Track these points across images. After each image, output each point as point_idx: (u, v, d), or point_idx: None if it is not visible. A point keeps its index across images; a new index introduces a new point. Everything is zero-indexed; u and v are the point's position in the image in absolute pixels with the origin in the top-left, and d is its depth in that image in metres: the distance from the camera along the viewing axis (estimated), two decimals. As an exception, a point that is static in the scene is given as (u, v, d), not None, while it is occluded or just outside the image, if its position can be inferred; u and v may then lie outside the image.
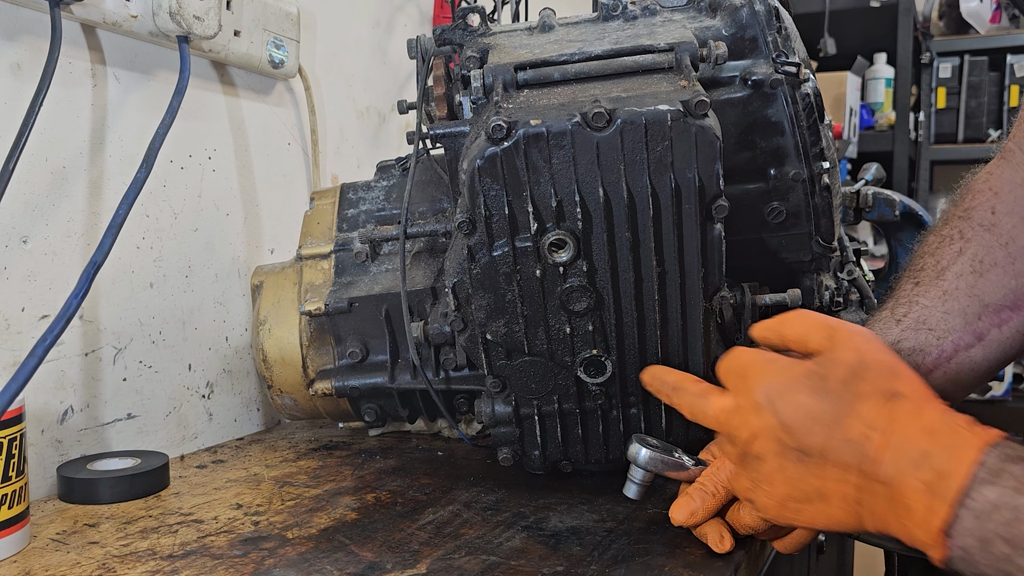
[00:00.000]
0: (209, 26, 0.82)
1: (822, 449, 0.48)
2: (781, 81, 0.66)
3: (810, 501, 0.50)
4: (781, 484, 0.51)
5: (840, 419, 0.48)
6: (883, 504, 0.47)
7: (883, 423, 0.47)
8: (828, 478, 0.49)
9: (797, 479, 0.50)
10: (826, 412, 0.48)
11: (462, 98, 0.70)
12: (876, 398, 0.48)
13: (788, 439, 0.49)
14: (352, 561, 0.58)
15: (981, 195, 0.71)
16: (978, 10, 2.79)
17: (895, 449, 0.46)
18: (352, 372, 0.79)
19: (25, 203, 0.73)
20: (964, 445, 0.44)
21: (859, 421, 0.47)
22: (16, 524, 0.61)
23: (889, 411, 0.47)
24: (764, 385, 0.51)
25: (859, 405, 0.48)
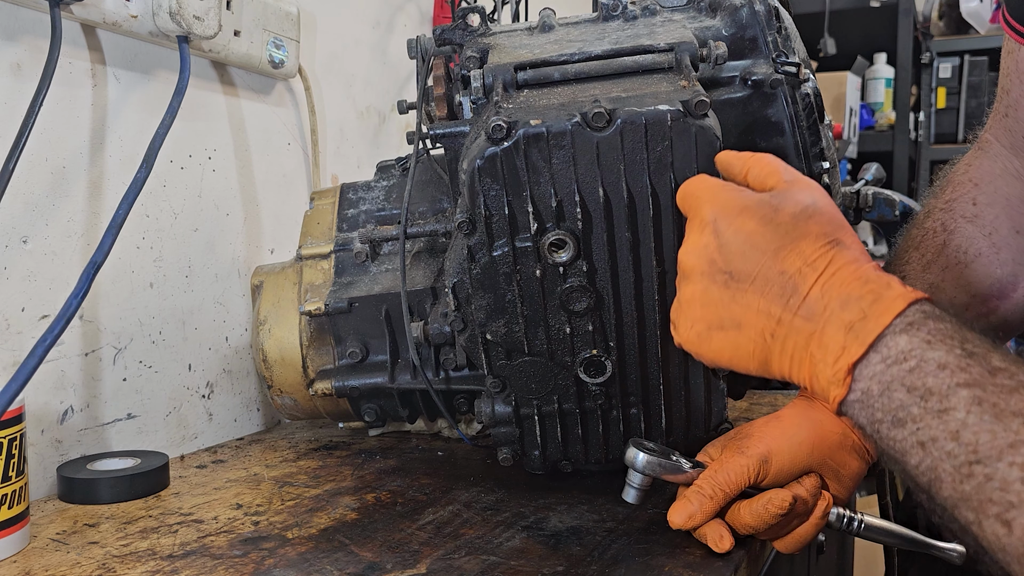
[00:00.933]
0: (209, 26, 0.82)
1: (754, 276, 0.48)
2: (781, 81, 0.65)
3: (723, 329, 0.49)
4: (699, 307, 0.50)
5: (780, 250, 0.47)
6: (798, 341, 0.47)
7: (822, 264, 0.46)
8: (750, 307, 0.48)
9: (717, 303, 0.49)
10: (768, 241, 0.48)
11: (462, 98, 0.70)
12: (821, 240, 0.47)
13: (720, 260, 0.49)
14: (352, 561, 0.58)
15: (962, 187, 0.71)
16: (978, 10, 2.79)
17: (827, 289, 0.46)
18: (352, 372, 0.79)
19: (25, 203, 0.73)
20: (893, 296, 0.45)
21: (799, 257, 0.47)
22: (16, 524, 0.61)
23: (830, 255, 0.47)
24: (713, 206, 0.50)
25: (802, 243, 0.47)
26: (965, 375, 0.41)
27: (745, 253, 0.48)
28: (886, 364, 0.43)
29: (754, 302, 0.48)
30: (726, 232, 0.49)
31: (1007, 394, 0.40)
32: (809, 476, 0.60)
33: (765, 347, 0.48)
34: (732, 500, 0.59)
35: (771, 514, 0.57)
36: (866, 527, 0.62)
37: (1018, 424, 0.39)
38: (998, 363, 0.41)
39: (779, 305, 0.47)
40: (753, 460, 0.59)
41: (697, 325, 0.51)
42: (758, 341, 0.49)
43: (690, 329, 0.51)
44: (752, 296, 0.48)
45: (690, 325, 0.51)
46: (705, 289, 0.50)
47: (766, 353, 0.49)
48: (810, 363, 0.46)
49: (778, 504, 0.57)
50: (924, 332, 0.43)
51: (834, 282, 0.46)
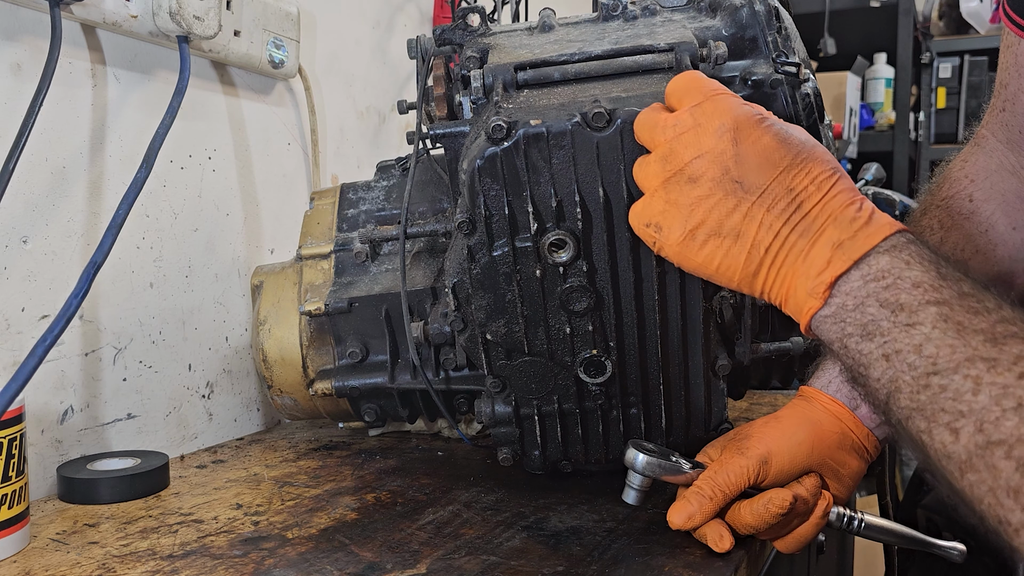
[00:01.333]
0: (209, 26, 0.82)
1: (763, 188, 0.48)
2: (781, 81, 0.65)
3: (720, 236, 0.49)
4: (701, 211, 0.50)
5: (792, 168, 0.49)
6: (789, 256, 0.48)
7: (826, 186, 0.48)
8: (754, 218, 0.49)
9: (721, 209, 0.49)
10: (783, 157, 0.49)
11: (462, 98, 0.70)
12: (827, 165, 0.49)
13: (735, 170, 0.49)
14: (352, 561, 0.58)
15: (958, 183, 0.71)
16: (978, 10, 2.79)
17: (827, 209, 0.48)
18: (352, 372, 0.79)
19: (25, 203, 0.73)
20: (882, 222, 0.47)
21: (807, 176, 0.48)
22: (16, 524, 0.61)
23: (834, 179, 0.49)
24: (734, 114, 0.50)
25: (811, 164, 0.49)
26: (936, 294, 0.43)
27: (760, 166, 0.49)
28: (864, 280, 0.45)
29: (758, 214, 0.48)
30: (744, 142, 0.49)
31: (972, 314, 0.42)
32: (809, 476, 0.60)
33: (757, 260, 0.49)
34: (732, 500, 0.59)
35: (772, 514, 0.57)
36: (866, 526, 0.62)
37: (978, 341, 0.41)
38: (968, 289, 0.43)
39: (781, 220, 0.48)
40: (753, 461, 0.59)
41: (693, 230, 0.50)
42: (752, 253, 0.49)
43: (681, 232, 0.50)
44: (758, 208, 0.48)
45: (683, 229, 0.50)
46: (711, 194, 0.49)
47: (756, 266, 0.49)
48: (792, 277, 0.48)
49: (778, 504, 0.57)
50: (905, 254, 0.45)
51: (833, 203, 0.48)
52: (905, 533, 0.63)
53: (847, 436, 0.62)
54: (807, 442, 0.60)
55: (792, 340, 0.72)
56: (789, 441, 0.60)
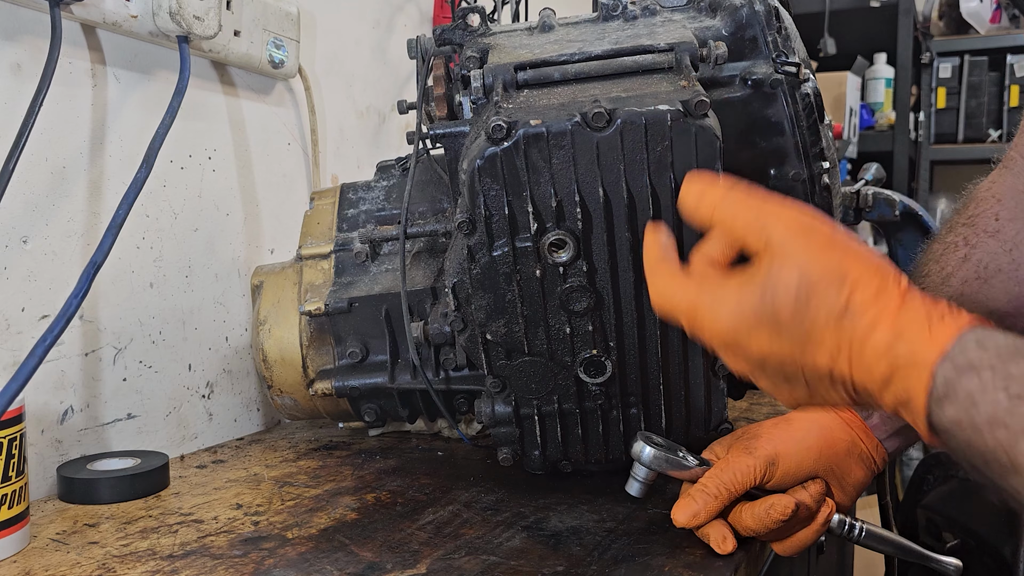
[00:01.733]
0: (209, 26, 0.82)
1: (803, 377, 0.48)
2: (781, 81, 0.65)
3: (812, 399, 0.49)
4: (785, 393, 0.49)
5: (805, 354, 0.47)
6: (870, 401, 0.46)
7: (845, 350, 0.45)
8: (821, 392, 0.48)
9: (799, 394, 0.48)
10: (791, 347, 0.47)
11: (462, 98, 0.70)
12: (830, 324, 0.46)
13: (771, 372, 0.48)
14: (352, 561, 0.58)
15: (984, 203, 0.71)
16: (978, 10, 2.79)
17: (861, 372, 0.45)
18: (352, 372, 0.79)
19: (25, 203, 0.73)
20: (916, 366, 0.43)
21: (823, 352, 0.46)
22: (16, 524, 0.61)
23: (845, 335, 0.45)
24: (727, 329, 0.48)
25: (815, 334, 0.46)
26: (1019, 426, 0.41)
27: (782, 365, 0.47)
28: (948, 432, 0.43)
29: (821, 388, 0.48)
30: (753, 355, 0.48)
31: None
32: (815, 482, 0.60)
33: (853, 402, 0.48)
34: (736, 501, 0.59)
35: (773, 519, 0.57)
36: (867, 535, 0.62)
37: None
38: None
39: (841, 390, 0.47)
40: (760, 461, 0.59)
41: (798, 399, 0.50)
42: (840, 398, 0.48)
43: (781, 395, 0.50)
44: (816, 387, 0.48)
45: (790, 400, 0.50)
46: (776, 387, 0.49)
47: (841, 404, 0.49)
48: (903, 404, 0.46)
49: (780, 510, 0.57)
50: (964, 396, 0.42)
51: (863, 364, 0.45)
52: (904, 545, 0.63)
53: (856, 445, 0.62)
54: (816, 447, 0.60)
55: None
56: (798, 445, 0.60)
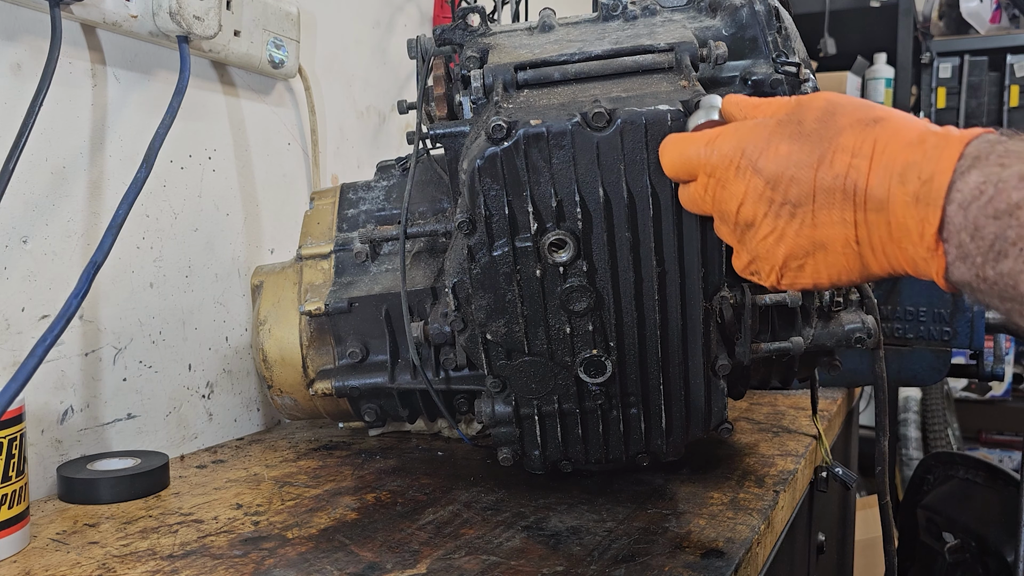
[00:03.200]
0: (209, 26, 0.82)
1: (812, 194, 0.45)
2: (781, 81, 0.65)
3: (811, 255, 0.47)
4: (778, 246, 0.47)
5: (824, 156, 0.44)
6: (882, 234, 0.44)
7: (867, 148, 0.43)
8: (824, 224, 0.45)
9: (793, 235, 0.46)
10: (809, 153, 0.45)
11: (462, 98, 0.70)
12: (856, 127, 0.44)
13: (776, 195, 0.46)
14: (352, 561, 0.58)
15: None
16: (978, 10, 2.79)
17: (881, 170, 0.43)
18: (352, 372, 0.79)
19: (25, 203, 0.73)
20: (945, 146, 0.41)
21: (843, 153, 0.44)
22: (16, 524, 0.61)
23: (872, 135, 0.44)
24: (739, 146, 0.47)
25: (840, 138, 0.44)
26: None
27: (795, 176, 0.45)
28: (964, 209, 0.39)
29: (826, 217, 0.45)
30: (767, 166, 0.46)
31: None
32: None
33: (856, 255, 0.45)
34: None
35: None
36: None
37: None
38: None
39: (850, 210, 0.44)
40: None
41: (784, 264, 0.48)
42: (848, 253, 0.45)
43: (777, 270, 0.48)
44: (822, 213, 0.45)
45: (775, 267, 0.49)
46: (775, 228, 0.47)
47: (861, 260, 0.45)
48: (900, 250, 0.43)
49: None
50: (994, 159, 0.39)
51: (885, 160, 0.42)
52: None
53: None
54: None
55: (792, 340, 0.72)
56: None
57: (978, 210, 0.39)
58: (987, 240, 0.38)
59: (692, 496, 0.70)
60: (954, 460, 1.30)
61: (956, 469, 1.28)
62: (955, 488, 1.24)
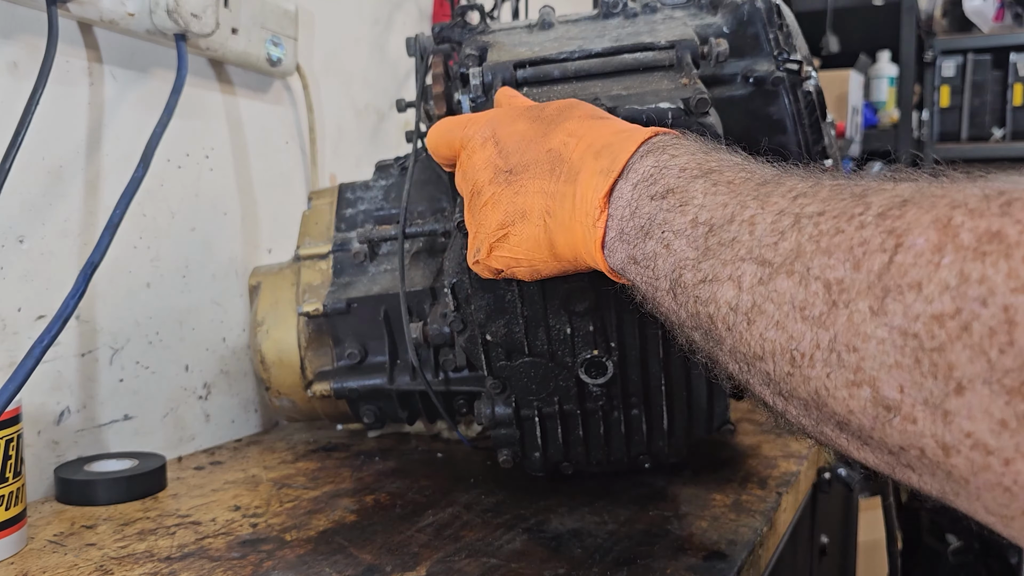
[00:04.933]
0: (206, 24, 0.82)
1: (527, 163, 0.48)
2: (783, 79, 0.65)
3: (515, 223, 0.48)
4: (492, 211, 0.49)
5: (548, 134, 0.48)
6: (566, 205, 0.45)
7: (583, 131, 0.47)
8: (529, 192, 0.48)
9: (506, 201, 0.48)
10: (537, 131, 0.49)
11: (461, 96, 0.69)
12: (583, 118, 0.48)
13: (501, 162, 0.49)
14: (351, 563, 0.58)
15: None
16: (981, 8, 2.79)
17: (584, 147, 0.46)
18: (351, 373, 0.79)
19: (21, 202, 0.72)
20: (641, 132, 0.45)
21: (562, 132, 0.48)
22: (13, 526, 0.60)
23: (592, 123, 0.47)
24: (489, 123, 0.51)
25: (566, 123, 0.48)
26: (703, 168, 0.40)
27: (519, 146, 0.49)
28: (633, 187, 0.42)
29: (531, 185, 0.47)
30: (502, 138, 0.50)
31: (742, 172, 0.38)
32: None
33: (547, 228, 0.47)
34: None
35: None
36: None
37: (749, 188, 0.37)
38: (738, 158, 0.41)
39: (550, 179, 0.47)
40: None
41: (493, 231, 0.49)
42: (540, 224, 0.47)
43: (487, 238, 0.50)
44: (527, 180, 0.47)
45: (487, 234, 0.50)
46: (493, 194, 0.49)
47: (549, 234, 0.47)
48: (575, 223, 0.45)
49: None
50: (670, 149, 0.42)
51: (590, 139, 0.46)
52: None
53: None
54: None
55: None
56: None
57: (643, 190, 0.41)
58: (641, 219, 0.41)
59: (694, 498, 0.69)
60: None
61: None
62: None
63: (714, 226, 0.37)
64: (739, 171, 0.39)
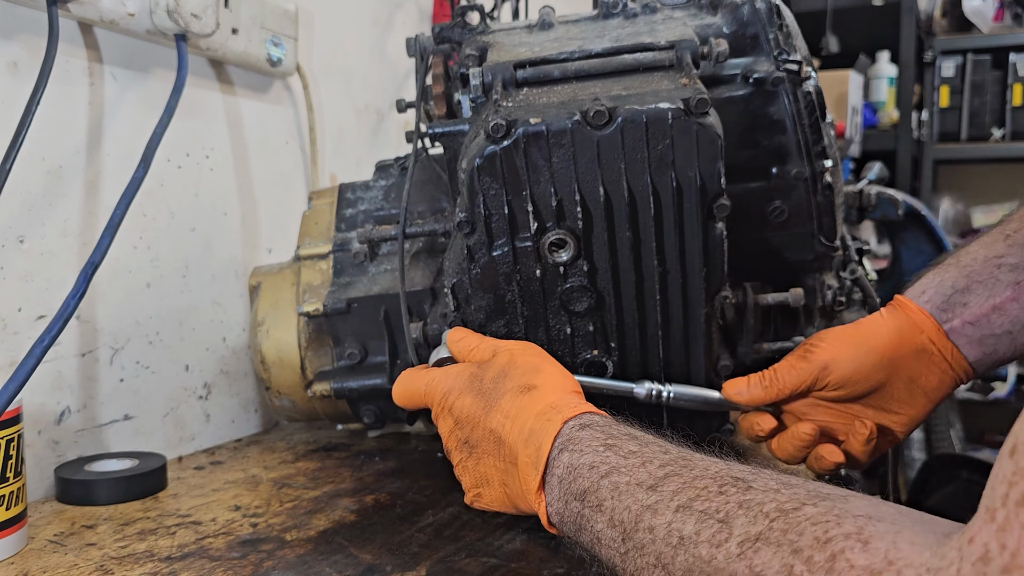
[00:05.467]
0: (207, 24, 0.82)
1: (479, 440, 0.55)
2: (783, 79, 0.65)
3: (482, 486, 0.56)
4: (464, 474, 0.58)
5: (488, 413, 0.55)
6: (515, 482, 0.53)
7: (515, 411, 0.53)
8: (487, 465, 0.55)
9: (471, 468, 0.57)
10: (479, 408, 0.55)
11: (461, 96, 0.69)
12: (514, 392, 0.54)
13: (460, 433, 0.57)
14: (351, 563, 0.58)
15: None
16: (981, 8, 2.78)
17: (516, 432, 0.53)
18: (351, 373, 0.79)
19: (22, 202, 0.72)
20: (555, 420, 0.51)
21: (499, 413, 0.54)
22: (14, 525, 0.60)
23: (520, 402, 0.53)
24: (443, 391, 0.58)
25: (501, 400, 0.54)
26: (605, 467, 0.47)
27: (469, 423, 0.56)
28: (560, 483, 0.49)
29: (486, 459, 0.55)
30: (456, 412, 0.57)
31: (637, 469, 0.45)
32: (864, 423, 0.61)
33: (506, 493, 0.55)
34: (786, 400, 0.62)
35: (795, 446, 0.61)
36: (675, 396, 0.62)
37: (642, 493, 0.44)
38: (633, 447, 0.47)
39: (499, 458, 0.54)
40: (813, 365, 0.60)
41: (470, 488, 0.58)
42: (501, 489, 0.55)
43: (471, 494, 0.58)
44: (485, 457, 0.55)
45: (468, 489, 0.58)
46: (461, 460, 0.57)
47: (510, 498, 0.55)
48: (524, 497, 0.52)
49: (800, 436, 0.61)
50: (578, 444, 0.49)
51: (518, 424, 0.53)
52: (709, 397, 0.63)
53: (927, 348, 0.60)
54: (878, 350, 0.60)
55: (794, 340, 0.71)
56: (858, 349, 0.60)
57: (566, 487, 0.49)
58: (572, 514, 0.48)
59: (693, 498, 0.69)
60: (957, 462, 1.30)
61: (959, 471, 1.28)
62: (958, 490, 1.23)
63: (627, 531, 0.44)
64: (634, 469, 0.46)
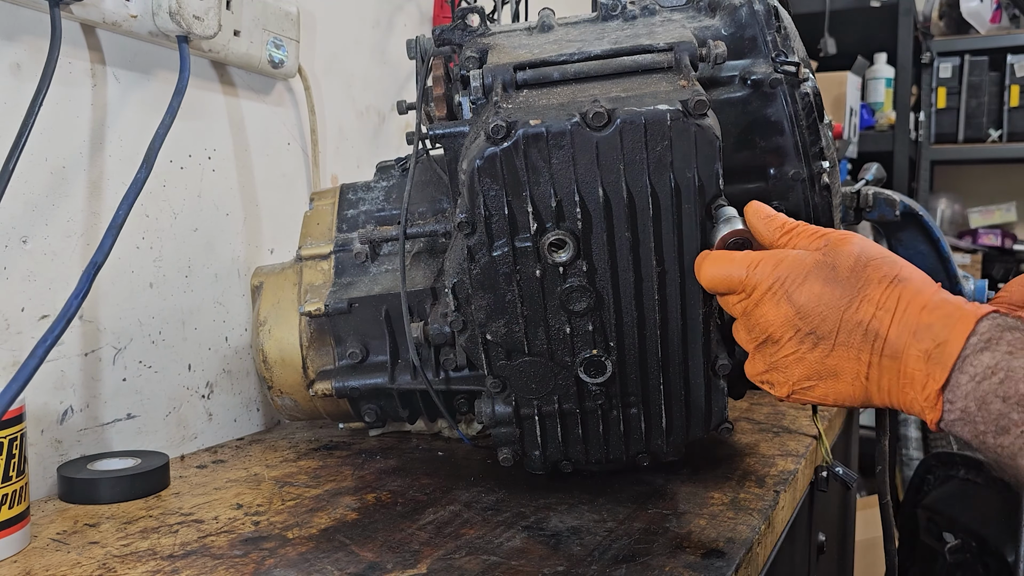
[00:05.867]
0: (209, 26, 0.82)
1: (836, 331, 0.53)
2: (780, 80, 0.65)
3: (823, 379, 0.54)
4: (796, 366, 0.55)
5: (852, 303, 0.52)
6: (891, 377, 0.51)
7: (891, 303, 0.51)
8: (841, 357, 0.53)
9: (812, 361, 0.54)
10: (839, 298, 0.52)
11: (461, 98, 0.70)
12: (884, 283, 0.52)
13: (804, 325, 0.53)
14: (352, 561, 0.58)
15: None
16: (978, 10, 2.79)
17: (900, 325, 0.50)
18: (352, 373, 0.79)
19: (25, 203, 0.73)
20: (959, 317, 0.49)
21: (869, 304, 0.52)
22: (16, 524, 0.61)
23: (895, 293, 0.51)
24: (778, 275, 0.55)
25: (868, 289, 0.52)
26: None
27: (823, 314, 0.53)
28: (976, 382, 0.47)
29: (843, 353, 0.53)
30: (800, 300, 0.54)
31: None
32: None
33: (863, 387, 0.53)
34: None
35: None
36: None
37: None
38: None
39: (866, 351, 0.52)
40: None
41: (797, 381, 0.55)
42: (856, 384, 0.53)
43: (790, 385, 0.56)
44: (841, 349, 0.53)
45: (789, 381, 0.56)
46: (796, 351, 0.54)
47: (865, 391, 0.53)
48: (902, 393, 0.51)
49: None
50: (1004, 345, 0.47)
51: (906, 317, 0.51)
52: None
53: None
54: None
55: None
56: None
57: (989, 388, 0.47)
58: (992, 414, 0.47)
59: (692, 496, 0.70)
60: (954, 460, 1.30)
61: (957, 469, 1.28)
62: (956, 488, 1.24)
63: None
64: None
